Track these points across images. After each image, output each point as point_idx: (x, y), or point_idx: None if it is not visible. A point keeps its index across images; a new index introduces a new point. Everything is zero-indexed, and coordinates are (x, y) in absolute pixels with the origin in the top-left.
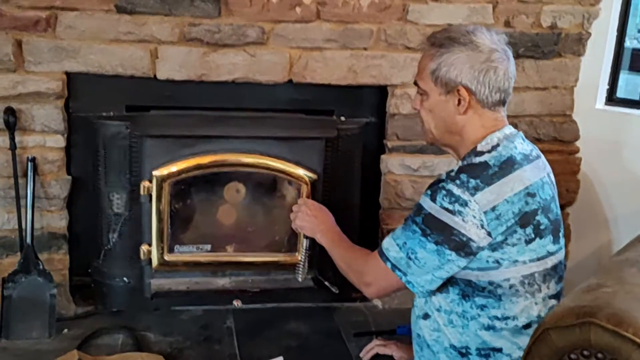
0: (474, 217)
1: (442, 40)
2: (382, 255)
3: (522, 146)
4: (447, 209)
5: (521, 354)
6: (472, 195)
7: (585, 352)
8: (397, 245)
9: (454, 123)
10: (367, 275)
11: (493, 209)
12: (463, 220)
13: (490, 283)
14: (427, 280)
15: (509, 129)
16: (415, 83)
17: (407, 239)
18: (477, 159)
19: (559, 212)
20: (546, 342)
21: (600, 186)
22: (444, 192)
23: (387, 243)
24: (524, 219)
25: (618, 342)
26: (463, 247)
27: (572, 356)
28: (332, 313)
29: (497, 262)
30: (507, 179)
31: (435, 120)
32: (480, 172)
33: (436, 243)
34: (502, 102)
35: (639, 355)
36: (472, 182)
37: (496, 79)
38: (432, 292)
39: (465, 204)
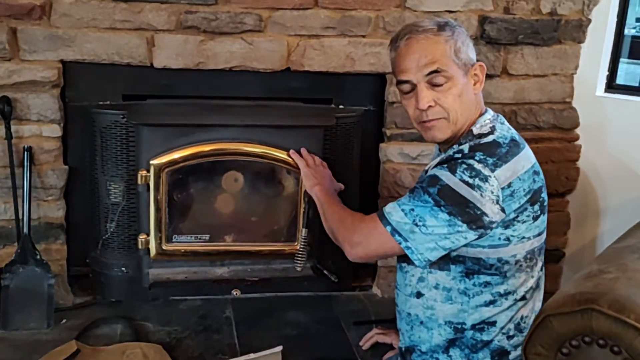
0: (492, 192)
1: (442, 24)
2: (383, 218)
3: (510, 127)
4: (466, 182)
5: (512, 325)
6: (492, 171)
7: (587, 339)
8: (403, 210)
9: (473, 106)
10: (357, 234)
11: (509, 185)
12: (481, 195)
13: (499, 260)
14: (429, 249)
15: (490, 110)
16: (432, 73)
17: (415, 207)
18: (484, 140)
19: None
20: (547, 328)
21: (600, 174)
22: (464, 166)
23: (390, 208)
24: (533, 197)
25: (620, 328)
26: (476, 220)
27: (574, 343)
28: (331, 302)
29: (508, 239)
30: (518, 157)
31: (462, 106)
32: (494, 150)
33: (449, 214)
34: None
35: None
36: (490, 159)
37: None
38: (430, 269)
39: (485, 179)
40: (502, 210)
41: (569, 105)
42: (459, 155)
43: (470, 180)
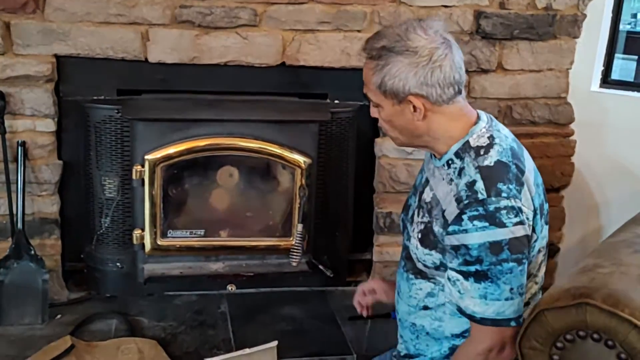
0: (528, 218)
1: (378, 51)
2: (501, 322)
3: (507, 132)
4: (518, 223)
5: None
6: (520, 200)
7: (581, 333)
8: (506, 299)
9: (416, 128)
10: (489, 348)
11: (533, 206)
12: (529, 225)
13: None
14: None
15: (484, 116)
16: (365, 95)
17: (510, 283)
18: (488, 160)
19: None
20: (542, 323)
21: (595, 169)
22: (503, 211)
23: (494, 308)
24: (541, 210)
25: (614, 322)
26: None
27: (568, 337)
28: (326, 297)
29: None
30: (526, 174)
31: (397, 128)
32: (506, 174)
33: (526, 258)
34: (459, 92)
35: (635, 336)
36: (512, 188)
37: (444, 76)
38: (443, 287)
39: (521, 210)
40: (534, 232)
41: (564, 100)
42: (482, 196)
43: (518, 219)
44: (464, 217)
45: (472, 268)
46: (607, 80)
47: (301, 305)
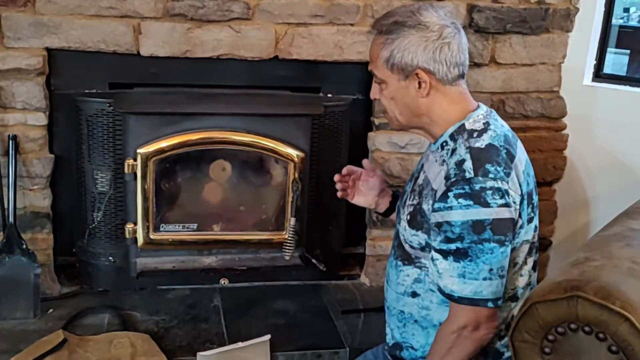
0: (514, 202)
1: (389, 26)
2: (478, 302)
3: (504, 123)
4: (503, 205)
5: (504, 326)
6: (507, 183)
7: (573, 326)
8: (484, 279)
9: (418, 107)
10: (468, 329)
11: (520, 191)
12: (515, 208)
13: None
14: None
15: (484, 106)
16: (371, 72)
17: (490, 264)
18: (480, 143)
19: None
20: (533, 316)
21: (587, 163)
22: (489, 191)
23: (471, 287)
24: (528, 199)
25: (605, 315)
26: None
27: (560, 330)
28: (319, 291)
29: (514, 245)
30: (516, 160)
31: (398, 107)
32: (496, 157)
33: (509, 241)
34: (462, 76)
35: (626, 328)
36: (500, 170)
37: (452, 55)
38: (428, 272)
39: (507, 192)
40: (520, 217)
41: (557, 94)
42: (469, 175)
43: (504, 201)
44: (450, 194)
45: (453, 246)
46: (599, 75)
47: (294, 299)
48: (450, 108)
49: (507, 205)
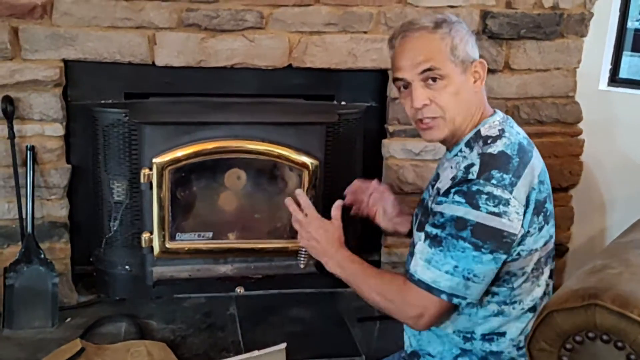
0: (517, 213)
1: (440, 21)
2: (432, 290)
3: (520, 130)
4: (494, 213)
5: (523, 337)
6: (511, 192)
7: (591, 334)
8: (447, 272)
9: (473, 104)
10: (411, 308)
11: (526, 202)
12: (509, 219)
13: (508, 273)
14: (482, 290)
15: (500, 112)
16: (427, 71)
17: (457, 261)
18: (492, 149)
19: None
20: (551, 324)
21: (603, 168)
22: (484, 196)
23: (431, 274)
24: (538, 208)
25: (623, 323)
26: (511, 245)
27: (577, 338)
28: (335, 298)
29: (519, 254)
30: (528, 169)
31: (459, 105)
32: (505, 164)
33: (491, 252)
34: None
35: None
36: (506, 177)
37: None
38: None
39: (507, 203)
40: (522, 226)
41: (572, 99)
42: (473, 176)
43: (496, 210)
44: (452, 190)
45: (434, 231)
46: (615, 79)
47: (310, 307)
48: (476, 109)
49: (498, 214)
